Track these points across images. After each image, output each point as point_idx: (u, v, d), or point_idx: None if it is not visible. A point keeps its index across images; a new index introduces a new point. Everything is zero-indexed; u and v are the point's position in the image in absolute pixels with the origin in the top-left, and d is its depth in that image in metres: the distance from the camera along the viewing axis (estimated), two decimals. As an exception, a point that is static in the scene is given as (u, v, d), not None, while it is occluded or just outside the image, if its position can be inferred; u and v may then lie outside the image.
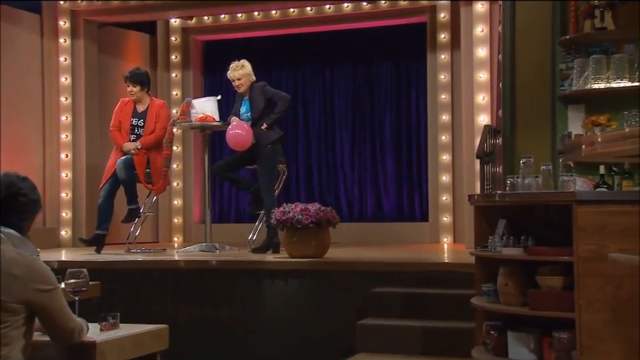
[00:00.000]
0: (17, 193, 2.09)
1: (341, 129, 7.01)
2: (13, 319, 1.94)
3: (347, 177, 6.97)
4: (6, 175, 2.13)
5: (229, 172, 5.32)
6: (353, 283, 4.24)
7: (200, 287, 4.52)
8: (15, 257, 1.99)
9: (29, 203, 2.12)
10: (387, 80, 6.88)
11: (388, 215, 6.81)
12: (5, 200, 2.08)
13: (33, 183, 2.18)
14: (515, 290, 3.00)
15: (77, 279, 2.36)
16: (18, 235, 2.08)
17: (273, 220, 4.55)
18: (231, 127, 5.11)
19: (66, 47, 6.52)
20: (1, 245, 2.01)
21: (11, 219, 2.08)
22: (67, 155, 6.53)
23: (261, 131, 5.09)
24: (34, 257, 2.04)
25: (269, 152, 5.12)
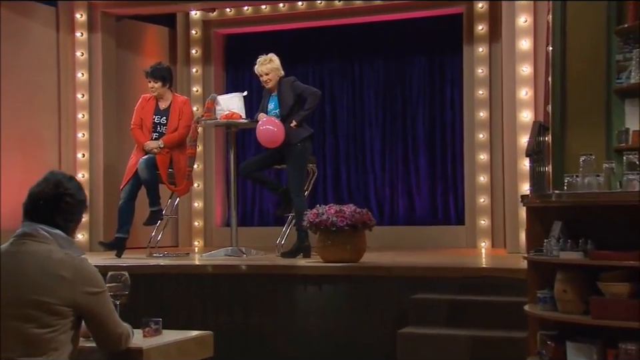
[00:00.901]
0: (64, 193, 2.10)
1: (371, 126, 7.00)
2: (61, 323, 1.95)
3: (377, 177, 6.95)
4: (53, 174, 2.15)
5: (256, 172, 5.33)
6: (392, 289, 4.23)
7: (229, 292, 4.53)
8: (63, 257, 2.00)
9: (75, 204, 2.13)
10: (419, 75, 6.86)
11: (421, 218, 6.78)
12: (52, 200, 2.09)
13: (79, 182, 2.20)
14: (574, 297, 2.97)
15: (117, 282, 2.37)
16: (64, 235, 2.10)
17: (306, 222, 4.55)
18: (261, 122, 5.12)
19: (82, 41, 6.57)
20: (48, 245, 2.02)
21: (57, 220, 2.09)
22: (83, 154, 6.57)
23: (290, 129, 5.09)
24: (82, 258, 2.05)
25: (299, 150, 5.12)
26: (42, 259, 2.00)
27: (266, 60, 5.17)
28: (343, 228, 4.40)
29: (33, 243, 2.04)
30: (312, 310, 4.37)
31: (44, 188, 2.11)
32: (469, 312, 3.86)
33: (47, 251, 2.02)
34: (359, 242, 4.51)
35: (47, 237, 2.06)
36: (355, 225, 4.44)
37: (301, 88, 5.16)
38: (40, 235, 2.05)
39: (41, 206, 2.09)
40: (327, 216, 4.43)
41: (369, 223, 4.53)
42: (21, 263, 2.00)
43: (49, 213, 2.09)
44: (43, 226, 2.07)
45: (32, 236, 2.05)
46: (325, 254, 4.52)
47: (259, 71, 5.18)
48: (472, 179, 6.40)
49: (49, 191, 2.10)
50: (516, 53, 5.43)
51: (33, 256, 2.01)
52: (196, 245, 7.03)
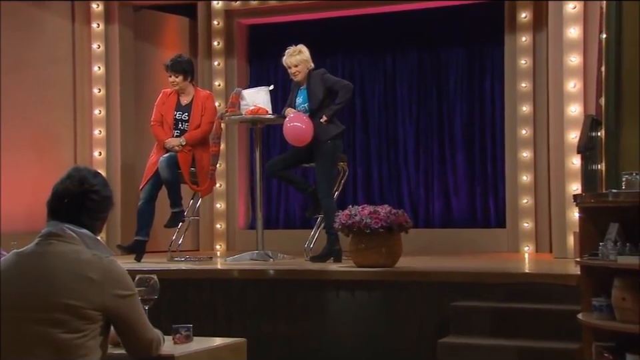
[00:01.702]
0: (89, 190, 2.10)
1: (404, 122, 6.96)
2: (90, 328, 1.96)
3: (411, 176, 6.92)
4: (77, 170, 2.16)
5: (284, 170, 5.34)
6: (430, 295, 4.21)
7: (256, 298, 4.54)
8: (91, 258, 2.01)
9: (101, 201, 2.13)
10: (457, 67, 6.80)
11: (458, 220, 6.73)
12: (77, 198, 2.10)
13: (104, 178, 2.21)
14: (634, 305, 2.92)
15: (146, 286, 2.38)
16: (91, 235, 2.10)
17: (337, 224, 4.54)
18: (289, 119, 5.12)
19: (99, 33, 6.63)
20: (76, 245, 2.03)
21: (82, 219, 2.10)
22: (100, 152, 6.63)
23: (320, 125, 5.08)
24: (110, 259, 2.05)
25: (328, 148, 5.11)
26: (70, 260, 2.01)
27: (295, 51, 5.18)
28: (377, 230, 4.38)
29: (59, 243, 2.05)
30: (344, 317, 4.36)
31: (68, 185, 2.11)
32: (515, 321, 3.82)
33: (74, 252, 2.03)
34: (394, 245, 4.49)
35: (74, 236, 2.06)
36: (391, 227, 4.42)
37: (331, 81, 5.16)
38: (67, 235, 2.06)
39: (65, 204, 2.09)
40: (360, 217, 4.42)
41: (405, 225, 4.50)
42: (48, 265, 2.01)
43: (74, 212, 2.10)
44: (69, 225, 2.08)
45: (58, 236, 2.06)
46: (358, 258, 4.51)
47: (287, 62, 5.19)
48: (514, 179, 6.33)
49: (74, 189, 2.10)
50: (563, 42, 5.36)
51: (60, 257, 2.02)
52: (218, 248, 7.06)
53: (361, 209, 4.48)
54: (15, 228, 5.65)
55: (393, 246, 4.47)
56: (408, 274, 4.36)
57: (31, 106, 6.29)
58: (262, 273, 4.64)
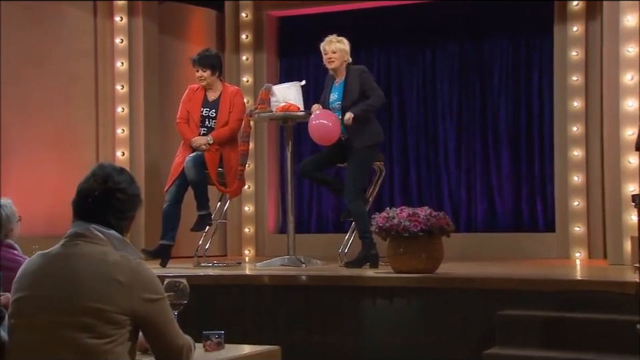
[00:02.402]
0: (114, 188, 2.12)
1: (445, 119, 6.93)
2: (119, 333, 1.98)
3: (451, 177, 6.88)
4: (101, 167, 2.17)
5: (317, 171, 5.36)
6: (474, 303, 4.19)
7: (288, 306, 4.56)
8: (119, 260, 2.04)
9: (127, 200, 2.15)
10: (501, 59, 6.75)
11: (503, 224, 6.68)
12: (102, 197, 2.11)
13: (130, 174, 2.22)
14: (698, 313, 2.86)
15: (175, 290, 2.40)
16: (119, 236, 2.12)
17: (374, 227, 4.54)
18: (314, 115, 5.14)
19: (122, 27, 6.70)
20: (103, 246, 2.06)
21: (108, 219, 2.12)
22: (123, 152, 6.70)
23: (356, 128, 5.08)
24: (138, 261, 2.08)
25: (363, 155, 5.16)
26: (97, 261, 2.03)
27: (336, 39, 5.24)
28: (416, 234, 4.37)
29: (86, 244, 2.07)
30: (382, 326, 4.36)
31: (92, 184, 2.12)
32: (567, 331, 3.77)
33: (101, 253, 2.05)
34: (435, 250, 4.47)
35: (101, 237, 2.08)
36: (431, 231, 4.40)
37: (367, 84, 5.16)
38: (93, 236, 2.08)
39: (90, 204, 2.11)
40: (399, 220, 4.41)
41: (447, 229, 4.48)
42: (75, 266, 2.03)
43: (100, 211, 2.11)
44: (96, 225, 2.10)
45: (85, 236, 2.08)
46: (395, 263, 4.50)
47: (325, 48, 5.23)
48: (564, 179, 6.26)
49: (98, 187, 2.11)
50: (619, 31, 5.27)
51: (86, 258, 2.04)
52: (247, 253, 7.09)
53: (399, 211, 4.47)
54: (36, 231, 5.73)
55: (433, 251, 4.45)
56: (450, 280, 4.34)
57: (51, 102, 6.38)
58: (294, 279, 4.65)
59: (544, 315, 3.91)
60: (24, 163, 6.17)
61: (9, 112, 6.06)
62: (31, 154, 6.22)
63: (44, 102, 6.32)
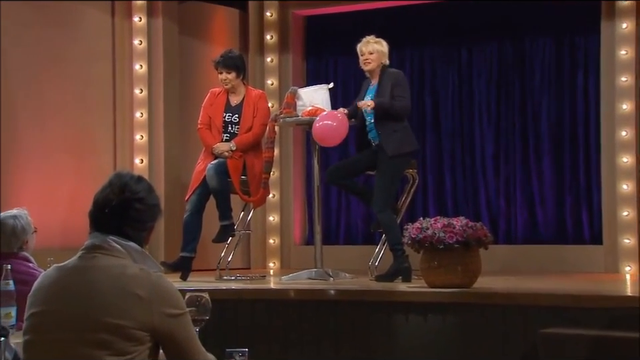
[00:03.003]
0: (131, 198, 2.14)
1: (482, 123, 6.91)
2: (137, 350, 2.00)
3: (489, 185, 6.86)
4: (118, 176, 2.19)
5: (345, 178, 5.37)
6: (515, 321, 4.15)
7: (315, 321, 4.56)
8: (138, 273, 2.06)
9: (146, 210, 2.16)
10: (543, 59, 6.71)
11: (545, 235, 6.64)
12: (120, 207, 2.12)
13: (149, 183, 2.24)
14: None
15: (197, 305, 2.42)
16: (138, 248, 2.14)
17: (407, 239, 4.53)
18: (320, 117, 5.17)
19: (141, 27, 6.77)
20: (122, 259, 2.08)
21: (126, 230, 2.14)
22: (141, 159, 6.77)
23: (388, 134, 5.11)
24: (159, 275, 2.10)
25: (394, 164, 5.17)
26: (115, 275, 2.05)
27: (374, 40, 5.26)
28: (452, 245, 4.35)
29: (103, 257, 2.09)
30: (415, 344, 4.34)
31: (108, 194, 2.14)
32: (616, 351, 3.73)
33: (120, 266, 2.07)
34: (471, 263, 4.45)
35: (120, 249, 2.10)
36: (468, 242, 4.38)
37: (398, 89, 5.18)
38: (112, 248, 2.10)
39: (107, 215, 2.13)
40: (433, 231, 4.40)
41: (485, 240, 4.46)
42: (92, 280, 2.05)
43: (117, 223, 2.13)
44: (114, 237, 2.12)
45: (102, 249, 2.10)
46: (430, 277, 4.49)
47: (362, 49, 5.25)
48: (611, 187, 6.21)
49: (115, 197, 2.13)
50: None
51: (104, 271, 2.06)
52: (271, 266, 7.12)
53: (433, 221, 4.46)
54: (51, 242, 5.80)
55: (470, 264, 4.43)
56: (488, 296, 4.31)
57: (67, 107, 6.44)
58: (321, 293, 4.65)
59: (590, 333, 3.87)
60: (38, 170, 6.25)
61: (23, 117, 6.15)
62: (45, 161, 6.29)
63: (59, 106, 6.40)
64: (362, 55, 5.28)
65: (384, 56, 5.27)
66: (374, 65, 5.24)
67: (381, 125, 5.17)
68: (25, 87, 6.17)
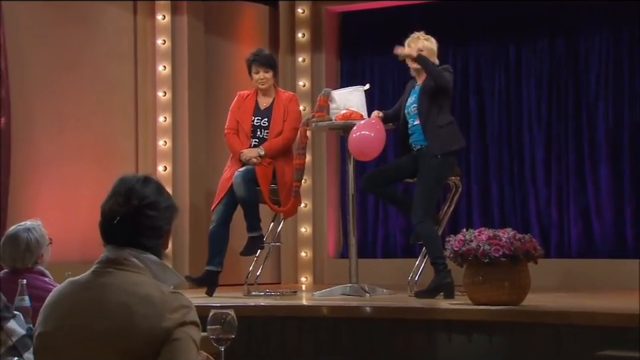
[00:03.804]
0: (140, 205, 2.09)
1: (532, 127, 6.85)
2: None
3: (540, 194, 6.79)
4: (121, 182, 2.14)
5: (383, 186, 5.38)
6: (568, 342, 4.13)
7: (350, 341, 4.57)
8: (152, 293, 2.02)
9: (159, 215, 2.12)
10: (599, 58, 6.64)
11: (602, 249, 6.56)
12: (129, 218, 2.09)
13: (157, 183, 2.17)
14: None
15: (222, 323, 2.43)
16: (156, 259, 2.12)
17: (449, 252, 4.52)
18: (357, 127, 5.15)
19: (164, 26, 6.83)
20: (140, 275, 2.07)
21: (142, 240, 2.10)
22: (165, 167, 6.82)
23: (433, 131, 5.09)
24: (177, 296, 2.04)
25: (437, 164, 5.16)
26: (128, 293, 2.03)
27: (423, 36, 5.27)
28: (498, 259, 4.34)
29: (119, 273, 2.07)
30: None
31: (113, 204, 2.11)
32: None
33: (134, 284, 2.05)
34: (520, 278, 4.43)
35: (137, 264, 2.08)
36: (515, 256, 4.37)
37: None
38: (129, 262, 2.08)
39: (116, 227, 2.10)
40: (477, 243, 4.39)
41: (534, 253, 4.45)
42: (104, 298, 2.04)
43: (130, 234, 2.10)
44: (131, 250, 2.09)
45: (118, 263, 2.08)
46: (474, 293, 4.48)
47: (411, 46, 5.25)
48: (675, 197, 6.13)
49: (120, 208, 2.09)
50: None
51: (118, 289, 2.04)
52: (303, 281, 7.14)
53: (477, 233, 4.45)
54: (70, 255, 5.87)
55: (518, 279, 4.41)
56: (539, 314, 4.29)
57: (86, 111, 6.50)
58: (356, 310, 4.67)
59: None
60: (56, 178, 6.33)
61: (40, 122, 6.24)
62: (63, 169, 6.37)
63: (78, 111, 6.46)
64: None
65: (433, 54, 5.27)
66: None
67: (426, 124, 5.16)
68: (42, 89, 6.26)
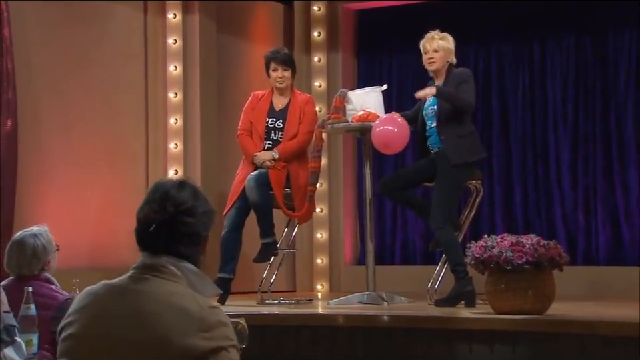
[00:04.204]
0: (177, 211, 2.08)
1: (557, 127, 6.84)
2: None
3: (565, 197, 6.78)
4: (156, 188, 2.13)
5: (401, 190, 5.38)
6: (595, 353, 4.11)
7: (367, 351, 4.57)
8: (189, 305, 2.00)
9: (197, 221, 2.10)
10: (630, 54, 6.62)
11: (631, 255, 6.51)
12: (166, 225, 2.08)
13: (193, 186, 2.16)
14: None
15: (233, 332, 2.44)
16: (194, 269, 2.10)
17: (469, 258, 4.51)
18: (379, 121, 5.19)
19: (176, 25, 6.87)
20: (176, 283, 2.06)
21: (179, 248, 2.09)
22: (176, 170, 6.85)
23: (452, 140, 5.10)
24: (214, 309, 2.04)
25: (456, 173, 5.16)
26: (166, 303, 2.01)
27: (438, 35, 5.27)
28: (521, 266, 4.32)
29: (156, 280, 2.06)
30: (480, 379, 4.32)
31: (148, 212, 2.10)
32: None
33: (172, 294, 2.03)
34: (544, 286, 4.42)
35: (175, 272, 2.07)
36: (540, 263, 4.35)
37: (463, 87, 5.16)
38: (166, 270, 2.07)
39: (153, 235, 2.09)
40: (500, 250, 4.37)
41: (559, 260, 4.43)
42: (139, 305, 2.02)
43: (167, 242, 2.08)
44: (169, 258, 2.08)
45: (156, 270, 2.07)
46: (496, 302, 4.47)
47: (426, 46, 5.26)
48: None
49: (157, 215, 2.08)
50: None
51: (154, 297, 2.03)
52: (319, 288, 7.15)
53: (499, 239, 4.44)
54: (78, 262, 5.92)
55: (542, 287, 4.40)
56: (564, 324, 4.27)
57: (94, 113, 6.52)
58: (374, 319, 4.66)
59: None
60: (64, 182, 6.36)
61: (48, 124, 6.27)
62: (71, 172, 6.39)
63: (86, 112, 6.49)
64: (425, 53, 5.27)
65: (450, 53, 5.27)
66: (439, 64, 5.24)
67: (444, 130, 5.16)
68: (50, 91, 6.30)
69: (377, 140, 5.19)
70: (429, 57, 5.25)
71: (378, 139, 5.18)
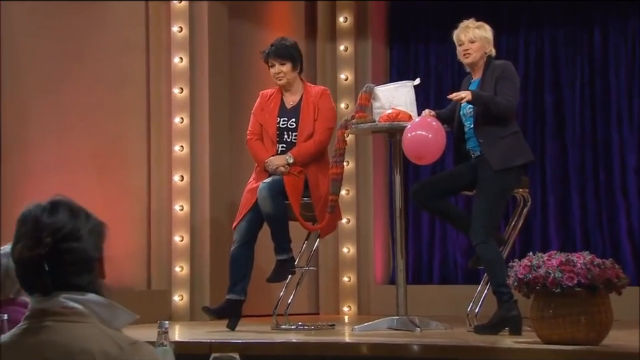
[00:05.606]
0: (57, 239, 1.97)
1: (622, 126, 6.81)
2: None
3: (631, 208, 6.74)
4: (25, 217, 2.00)
5: (437, 200, 5.35)
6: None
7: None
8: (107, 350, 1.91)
9: (83, 245, 2.00)
10: None
11: None
12: (46, 259, 1.96)
13: (67, 204, 2.05)
14: None
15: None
16: (100, 299, 2.00)
17: (512, 279, 4.48)
18: (410, 125, 5.16)
19: (181, 11, 6.86)
20: (85, 324, 1.95)
21: (72, 280, 1.98)
22: (182, 176, 6.84)
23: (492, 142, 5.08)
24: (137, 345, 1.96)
25: (499, 180, 5.13)
26: (78, 352, 1.90)
27: (474, 24, 5.27)
28: (572, 289, 4.28)
29: (58, 326, 1.94)
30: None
31: (22, 248, 1.98)
32: None
33: (81, 338, 1.92)
34: (599, 312, 4.38)
35: (79, 310, 1.96)
36: (593, 285, 4.31)
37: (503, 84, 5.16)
38: (68, 311, 1.95)
39: (35, 275, 1.97)
40: (547, 270, 4.34)
41: (617, 282, 4.38)
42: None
43: (55, 279, 1.97)
44: (66, 294, 1.97)
45: (55, 314, 1.95)
46: (543, 330, 4.44)
47: (460, 37, 5.25)
48: None
49: (31, 252, 1.96)
50: None
51: (63, 349, 1.91)
52: (346, 311, 7.14)
53: (547, 257, 4.40)
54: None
55: (597, 313, 4.36)
56: (624, 356, 4.24)
57: (91, 110, 6.51)
58: (402, 349, 4.61)
59: None
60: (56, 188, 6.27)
61: (36, 125, 6.30)
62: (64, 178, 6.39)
63: (80, 111, 6.49)
64: (460, 44, 5.27)
65: (488, 44, 5.26)
66: (476, 56, 5.24)
67: (483, 131, 5.16)
68: (39, 87, 6.32)
69: (409, 149, 5.16)
70: (464, 48, 5.24)
71: (410, 147, 5.15)
